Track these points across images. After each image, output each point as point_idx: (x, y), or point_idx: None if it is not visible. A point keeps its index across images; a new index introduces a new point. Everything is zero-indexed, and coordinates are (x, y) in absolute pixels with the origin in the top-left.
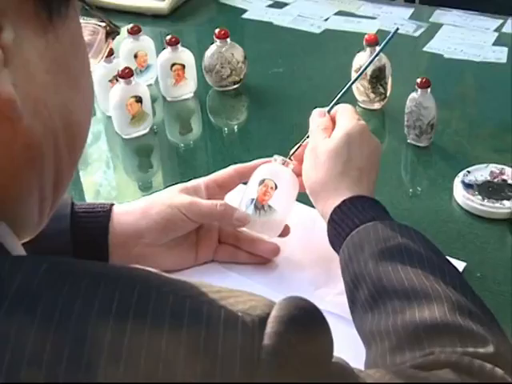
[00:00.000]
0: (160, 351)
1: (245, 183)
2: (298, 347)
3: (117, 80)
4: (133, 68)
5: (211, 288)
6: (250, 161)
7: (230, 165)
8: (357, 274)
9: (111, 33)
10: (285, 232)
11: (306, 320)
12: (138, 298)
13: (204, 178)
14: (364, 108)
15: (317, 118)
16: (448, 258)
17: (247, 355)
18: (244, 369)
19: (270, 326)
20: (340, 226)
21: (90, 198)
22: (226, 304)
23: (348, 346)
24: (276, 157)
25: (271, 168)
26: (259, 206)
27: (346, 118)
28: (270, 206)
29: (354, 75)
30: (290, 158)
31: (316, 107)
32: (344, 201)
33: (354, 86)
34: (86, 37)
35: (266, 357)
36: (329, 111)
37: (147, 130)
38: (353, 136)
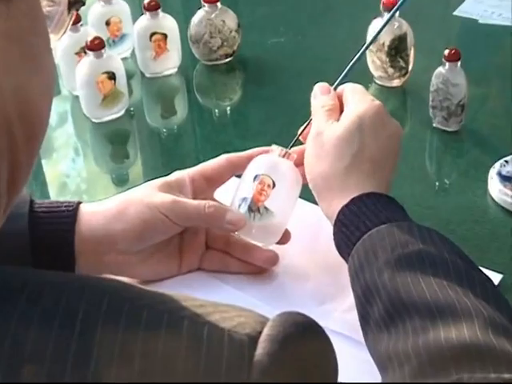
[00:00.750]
0: (132, 371)
1: (239, 176)
2: (294, 371)
3: (85, 52)
4: (104, 38)
5: (194, 302)
6: (245, 150)
7: (220, 154)
8: (369, 285)
9: (75, 3)
10: (285, 239)
11: (304, 339)
12: (108, 310)
13: (189, 171)
14: (381, 85)
15: (320, 96)
16: (481, 268)
17: (234, 379)
18: None
19: (262, 347)
20: (349, 228)
21: (54, 192)
22: (210, 320)
23: (358, 371)
24: (274, 147)
25: (268, 161)
26: (254, 207)
27: (357, 97)
28: (266, 208)
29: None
30: (291, 148)
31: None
32: (353, 199)
33: (369, 60)
34: (45, 8)
35: (256, 382)
36: (335, 88)
37: (122, 112)
38: (366, 119)
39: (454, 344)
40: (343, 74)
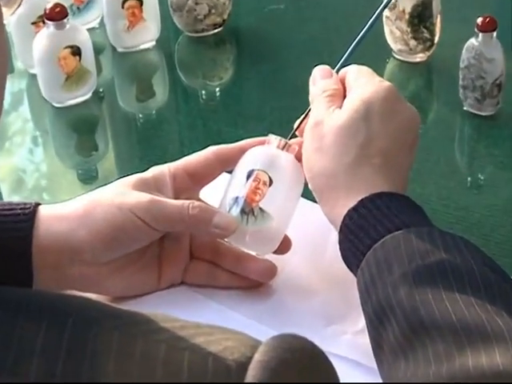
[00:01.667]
0: None
1: (229, 172)
2: None
3: (43, 22)
4: (67, 5)
5: (174, 323)
6: (236, 141)
7: (208, 145)
8: (382, 303)
9: None
10: (284, 247)
11: (301, 367)
12: (72, 335)
13: (170, 166)
14: (401, 61)
15: (320, 80)
16: None
17: None
18: None
19: (252, 375)
20: (357, 236)
21: (6, 191)
22: (192, 344)
23: None
24: (272, 137)
25: (265, 154)
26: (247, 209)
27: (363, 79)
28: (262, 210)
29: (386, 14)
30: (291, 139)
31: (318, 64)
32: (362, 200)
33: (386, 31)
34: None
35: None
36: (338, 70)
37: (89, 94)
38: (374, 104)
39: (484, 373)
40: (348, 53)
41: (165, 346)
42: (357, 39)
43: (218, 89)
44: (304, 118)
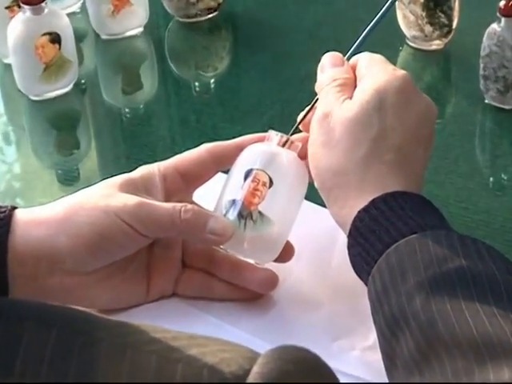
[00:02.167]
0: None
1: (226, 172)
2: None
3: (19, 7)
4: None
5: (165, 334)
6: (233, 137)
7: (202, 143)
8: (396, 315)
9: None
10: (286, 254)
11: (304, 377)
12: (56, 346)
13: (160, 165)
14: (416, 49)
15: (329, 69)
16: None
17: None
18: None
19: None
20: (368, 240)
21: None
22: (186, 356)
23: None
24: (272, 133)
25: (264, 151)
26: (245, 212)
27: (375, 68)
28: (261, 214)
29: None
30: (293, 135)
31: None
32: (373, 200)
33: (399, 15)
34: None
35: None
36: (349, 58)
37: (70, 86)
38: (387, 95)
39: None
40: (360, 39)
41: (156, 358)
42: (371, 24)
43: (212, 80)
44: (310, 110)
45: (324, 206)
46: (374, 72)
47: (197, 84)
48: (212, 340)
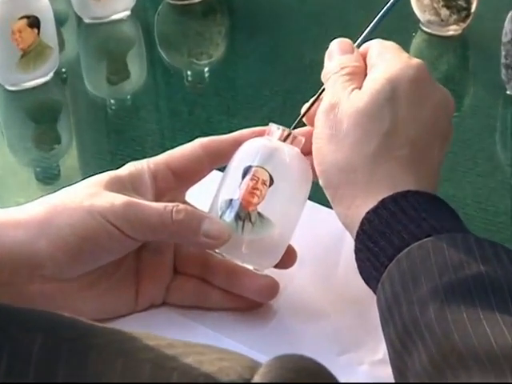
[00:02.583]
0: None
1: (222, 169)
2: None
3: None
4: None
5: (160, 341)
6: (230, 131)
7: (195, 137)
8: (407, 325)
9: None
10: (288, 259)
11: None
12: (39, 355)
13: (150, 162)
14: (431, 34)
15: (337, 56)
16: None
17: None
18: None
19: None
20: (377, 244)
21: None
22: (181, 364)
23: None
24: (273, 127)
25: (264, 147)
26: (243, 213)
27: (388, 55)
28: (261, 215)
29: None
30: (295, 128)
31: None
32: (384, 200)
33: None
34: None
35: None
36: (359, 45)
37: (50, 75)
38: (401, 85)
39: None
40: (372, 25)
41: (150, 366)
42: (384, 8)
43: (206, 68)
44: (315, 102)
45: (329, 206)
46: (387, 60)
47: (189, 73)
48: (209, 348)
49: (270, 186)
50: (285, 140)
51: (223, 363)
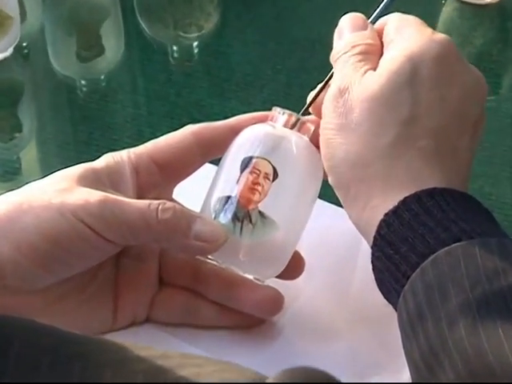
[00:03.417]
0: None
1: (215, 163)
2: None
3: None
4: None
5: (152, 351)
6: (225, 117)
7: (184, 124)
8: (433, 344)
9: None
10: (294, 269)
11: None
12: (16, 367)
13: (131, 152)
14: (464, 2)
15: (348, 33)
16: None
17: None
18: None
19: None
20: (398, 251)
21: None
22: (178, 377)
23: None
24: (277, 111)
25: (266, 134)
26: (241, 213)
27: (408, 30)
28: (262, 215)
29: None
30: (304, 114)
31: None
32: (405, 200)
33: None
34: None
35: None
36: (374, 21)
37: (9, 51)
38: (423, 65)
39: None
40: None
41: (142, 378)
42: None
43: (196, 43)
44: (323, 88)
45: (342, 205)
46: (406, 36)
47: (175, 48)
48: (207, 359)
49: (273, 180)
50: (292, 127)
51: (225, 374)
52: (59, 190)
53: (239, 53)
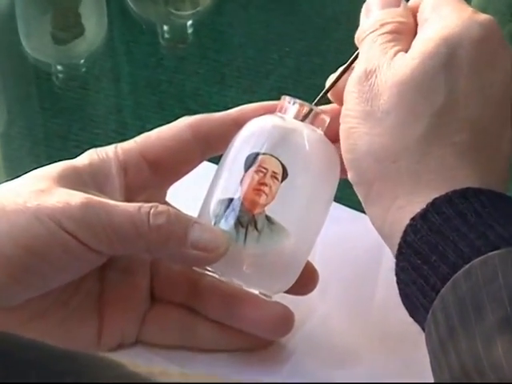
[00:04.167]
0: None
1: (215, 161)
2: None
3: None
4: None
5: (150, 369)
6: (226, 108)
7: (179, 116)
8: (466, 366)
9: None
10: (307, 282)
11: None
12: None
13: (118, 148)
14: None
15: (377, 10)
16: None
17: None
18: None
19: None
20: (426, 260)
21: None
22: None
23: None
24: (287, 100)
25: (275, 127)
26: (246, 218)
27: (446, 8)
28: (270, 221)
29: None
30: (317, 104)
31: None
32: (435, 201)
33: None
34: None
35: None
36: None
37: None
38: (462, 47)
39: None
40: None
41: None
42: None
43: (190, 22)
44: (345, 72)
45: (362, 209)
46: (444, 15)
47: (166, 28)
48: (213, 377)
49: (282, 180)
50: (304, 119)
51: None
52: (35, 192)
53: (241, 33)
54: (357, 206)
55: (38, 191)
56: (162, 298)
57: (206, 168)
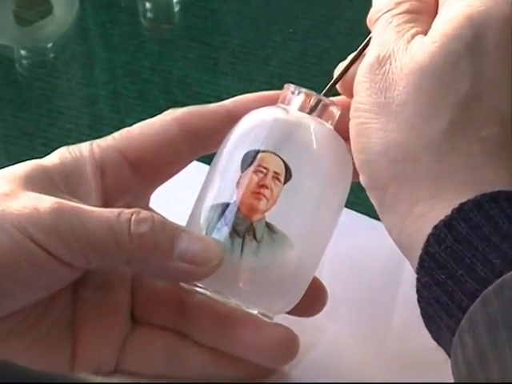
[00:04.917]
0: None
1: (207, 161)
2: None
3: None
4: None
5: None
6: (220, 99)
7: (166, 108)
8: None
9: None
10: (314, 301)
11: None
12: None
13: (94, 146)
14: None
15: None
16: None
17: None
18: None
19: None
20: (451, 274)
21: None
22: None
23: None
24: (291, 89)
25: (277, 121)
26: (243, 226)
27: None
28: (271, 229)
29: None
30: (326, 94)
31: None
32: (461, 206)
33: None
34: None
35: None
36: None
37: None
38: (488, 29)
39: None
40: None
41: None
42: None
43: (179, 5)
44: (356, 59)
45: (376, 216)
46: None
47: (149, 6)
48: None
49: (285, 182)
50: (310, 111)
51: None
52: None
53: (237, 11)
54: (372, 212)
55: (2, 195)
56: (145, 319)
57: (196, 169)
